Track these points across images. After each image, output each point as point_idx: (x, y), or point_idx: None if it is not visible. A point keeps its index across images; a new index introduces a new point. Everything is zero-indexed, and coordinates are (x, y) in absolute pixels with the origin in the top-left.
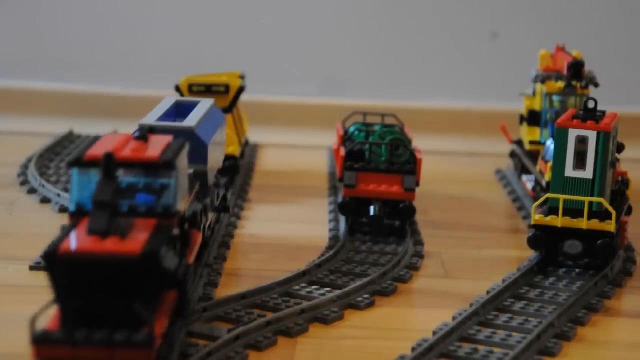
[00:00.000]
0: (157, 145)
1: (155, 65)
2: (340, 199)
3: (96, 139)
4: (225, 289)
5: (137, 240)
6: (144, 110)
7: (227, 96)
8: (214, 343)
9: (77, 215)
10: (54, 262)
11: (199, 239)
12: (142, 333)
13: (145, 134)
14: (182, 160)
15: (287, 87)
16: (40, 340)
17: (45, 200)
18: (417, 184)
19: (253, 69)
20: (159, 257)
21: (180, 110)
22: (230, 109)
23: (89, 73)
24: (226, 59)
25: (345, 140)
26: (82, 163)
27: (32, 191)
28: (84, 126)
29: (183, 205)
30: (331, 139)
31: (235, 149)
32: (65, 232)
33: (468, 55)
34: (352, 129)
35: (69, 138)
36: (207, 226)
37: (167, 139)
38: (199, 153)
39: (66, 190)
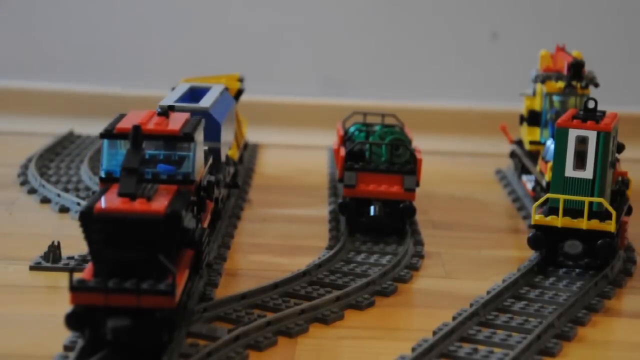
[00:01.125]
0: (177, 121)
1: (155, 65)
2: (340, 199)
3: (122, 115)
4: (225, 289)
5: (161, 202)
6: (144, 110)
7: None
8: (214, 343)
9: (107, 181)
10: (90, 220)
11: (211, 207)
12: (166, 282)
13: (166, 111)
14: (199, 135)
15: (287, 87)
16: (77, 288)
17: (45, 200)
18: (417, 184)
19: (253, 69)
20: (180, 217)
21: (194, 94)
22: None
23: (89, 73)
24: (226, 58)
25: (345, 140)
26: (112, 134)
27: (32, 191)
28: (84, 126)
29: (199, 175)
30: (331, 139)
31: (233, 153)
32: (98, 195)
33: (468, 55)
34: (352, 129)
35: (69, 138)
36: (219, 199)
37: (185, 115)
38: (212, 131)
39: (66, 190)
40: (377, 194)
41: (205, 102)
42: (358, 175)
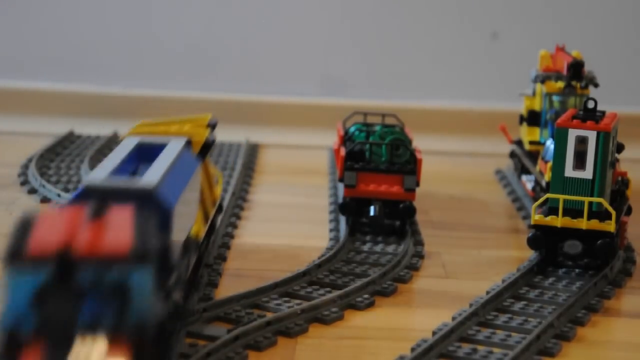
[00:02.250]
0: (120, 226)
1: (155, 65)
2: (340, 199)
3: (26, 224)
4: (225, 289)
5: None
6: (144, 110)
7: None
8: (213, 343)
9: (12, 345)
10: None
11: None
12: None
13: (101, 208)
14: (156, 246)
15: (287, 87)
16: None
17: (45, 200)
18: (417, 184)
19: (253, 69)
20: None
21: (143, 155)
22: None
23: (89, 73)
24: (226, 58)
25: (346, 140)
26: (22, 261)
27: (32, 191)
28: (84, 126)
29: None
30: (331, 139)
31: (198, 229)
32: None
33: (468, 55)
34: (352, 129)
35: (69, 138)
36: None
37: (127, 213)
38: (160, 221)
39: (66, 190)
40: (377, 194)
41: (151, 175)
42: (358, 175)
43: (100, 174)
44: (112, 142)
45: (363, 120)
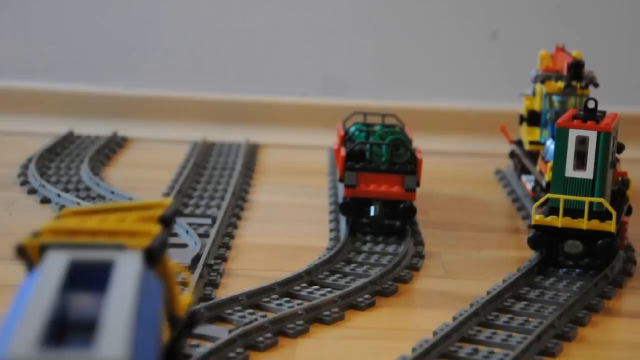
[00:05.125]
0: None
1: (155, 65)
2: (340, 199)
3: None
4: (225, 289)
5: None
6: (144, 110)
7: None
8: (214, 343)
9: None
10: None
11: None
12: None
13: None
14: None
15: (287, 87)
16: None
17: (45, 200)
18: (418, 184)
19: (253, 69)
20: None
21: (78, 282)
22: None
23: (89, 73)
24: (226, 58)
25: (346, 140)
26: None
27: (32, 191)
28: (84, 126)
29: None
30: (331, 139)
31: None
32: None
33: (468, 55)
34: (352, 129)
35: (69, 138)
36: None
37: None
38: None
39: (66, 190)
40: (377, 194)
41: (112, 335)
42: (358, 175)
43: (23, 341)
44: (112, 142)
45: (363, 120)
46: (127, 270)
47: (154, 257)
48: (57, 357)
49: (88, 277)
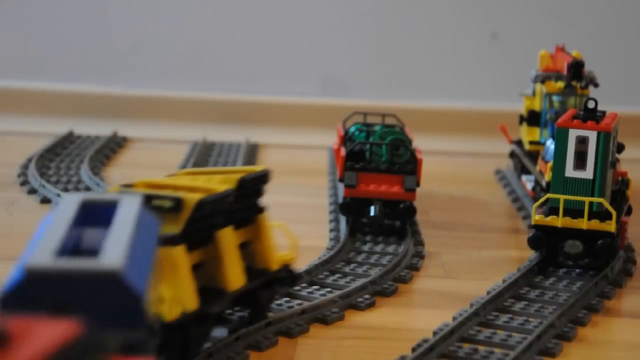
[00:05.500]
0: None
1: (155, 65)
2: (340, 199)
3: None
4: None
5: None
6: (144, 110)
7: (178, 217)
8: (215, 343)
9: None
10: None
11: None
12: None
13: (4, 336)
14: None
15: (287, 87)
16: None
17: (45, 200)
18: (418, 184)
19: (253, 69)
20: None
21: (90, 218)
22: (185, 239)
23: (89, 73)
24: (226, 58)
25: (346, 140)
26: None
27: (32, 191)
28: (84, 126)
29: None
30: (331, 139)
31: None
32: None
33: (468, 55)
34: (352, 129)
35: (69, 138)
36: None
37: (46, 337)
38: (129, 311)
39: (66, 190)
40: (377, 194)
41: (112, 250)
42: (358, 175)
43: (40, 255)
44: (112, 142)
45: (363, 120)
46: (128, 209)
47: (202, 208)
48: (67, 264)
49: (97, 214)
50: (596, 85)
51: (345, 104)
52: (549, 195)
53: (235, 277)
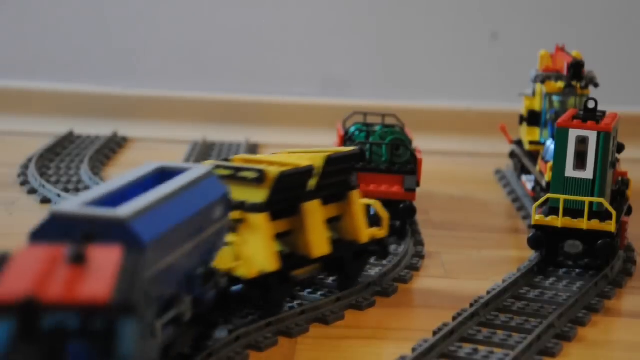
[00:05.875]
0: (100, 270)
1: (155, 65)
2: None
3: (2, 259)
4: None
5: None
6: (144, 110)
7: (262, 188)
8: (214, 343)
9: None
10: None
11: None
12: None
13: (81, 255)
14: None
15: (287, 87)
16: None
17: (45, 200)
18: (418, 184)
19: (253, 69)
20: None
21: (154, 181)
22: (269, 208)
23: (89, 73)
24: (226, 58)
25: (346, 141)
26: None
27: (32, 191)
28: (84, 126)
29: None
30: (331, 139)
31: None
32: None
33: (468, 55)
34: (352, 129)
35: (69, 138)
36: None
37: (112, 255)
38: (133, 255)
39: (66, 190)
40: (377, 194)
41: (132, 205)
42: (358, 175)
43: (73, 203)
44: (112, 142)
45: (363, 120)
46: (192, 174)
47: (282, 180)
48: (85, 210)
49: (162, 179)
50: (596, 85)
51: (345, 104)
52: (549, 195)
53: (319, 245)
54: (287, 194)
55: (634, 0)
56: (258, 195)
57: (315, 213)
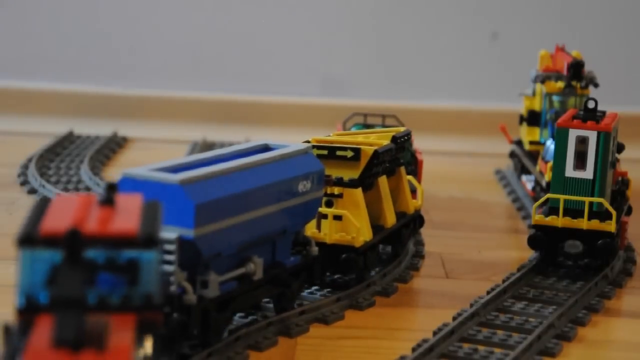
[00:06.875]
0: (128, 212)
1: (155, 65)
2: None
3: (43, 205)
4: None
5: (120, 353)
6: (144, 110)
7: (357, 164)
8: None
9: (29, 312)
10: None
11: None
12: None
13: (111, 198)
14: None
15: (287, 87)
16: None
17: None
18: None
19: (253, 69)
20: None
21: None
22: (362, 183)
23: (89, 73)
24: (226, 58)
25: None
26: (36, 241)
27: (32, 191)
28: (84, 126)
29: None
30: None
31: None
32: (17, 344)
33: (468, 55)
34: (352, 130)
35: (69, 138)
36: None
37: (136, 200)
38: (185, 216)
39: (66, 190)
40: None
41: (192, 172)
42: None
43: (145, 170)
44: (112, 142)
45: (363, 121)
46: (287, 149)
47: (377, 157)
48: (150, 174)
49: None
50: (596, 85)
51: (345, 104)
52: (549, 195)
53: (390, 216)
54: (374, 170)
55: (634, 0)
56: (353, 172)
57: (385, 187)
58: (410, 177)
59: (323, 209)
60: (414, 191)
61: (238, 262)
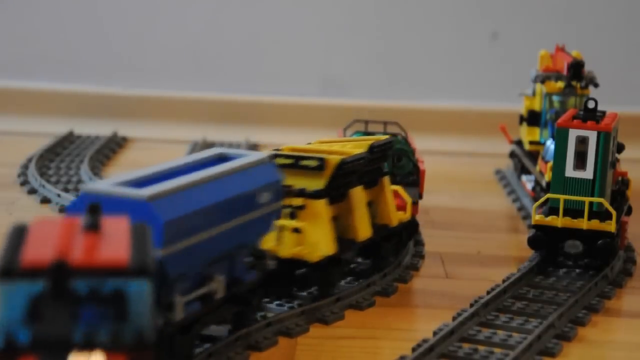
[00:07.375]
0: (115, 238)
1: (155, 65)
2: None
3: (19, 232)
4: None
5: None
6: (144, 110)
7: (322, 174)
8: (214, 344)
9: (9, 353)
10: None
11: None
12: None
13: (96, 223)
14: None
15: (287, 87)
16: None
17: (45, 200)
18: (420, 197)
19: (253, 69)
20: None
21: (206, 164)
22: (327, 194)
23: (89, 73)
24: (226, 58)
25: None
26: (17, 274)
27: (32, 191)
28: (84, 126)
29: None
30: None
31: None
32: None
33: (468, 55)
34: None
35: (69, 138)
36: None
37: (122, 224)
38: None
39: (66, 190)
40: None
41: (158, 186)
42: None
43: (108, 183)
44: (112, 142)
45: (364, 128)
46: (242, 160)
47: (342, 167)
48: (112, 189)
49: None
50: (596, 85)
51: (345, 104)
52: (549, 195)
53: (363, 229)
54: (342, 180)
55: (634, 1)
56: (317, 183)
57: (360, 198)
58: (399, 189)
59: (282, 221)
60: (415, 203)
61: (200, 281)
